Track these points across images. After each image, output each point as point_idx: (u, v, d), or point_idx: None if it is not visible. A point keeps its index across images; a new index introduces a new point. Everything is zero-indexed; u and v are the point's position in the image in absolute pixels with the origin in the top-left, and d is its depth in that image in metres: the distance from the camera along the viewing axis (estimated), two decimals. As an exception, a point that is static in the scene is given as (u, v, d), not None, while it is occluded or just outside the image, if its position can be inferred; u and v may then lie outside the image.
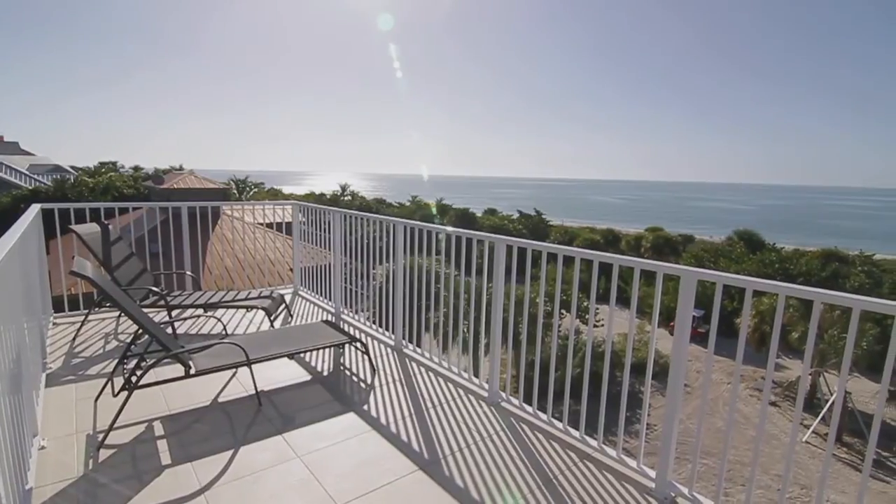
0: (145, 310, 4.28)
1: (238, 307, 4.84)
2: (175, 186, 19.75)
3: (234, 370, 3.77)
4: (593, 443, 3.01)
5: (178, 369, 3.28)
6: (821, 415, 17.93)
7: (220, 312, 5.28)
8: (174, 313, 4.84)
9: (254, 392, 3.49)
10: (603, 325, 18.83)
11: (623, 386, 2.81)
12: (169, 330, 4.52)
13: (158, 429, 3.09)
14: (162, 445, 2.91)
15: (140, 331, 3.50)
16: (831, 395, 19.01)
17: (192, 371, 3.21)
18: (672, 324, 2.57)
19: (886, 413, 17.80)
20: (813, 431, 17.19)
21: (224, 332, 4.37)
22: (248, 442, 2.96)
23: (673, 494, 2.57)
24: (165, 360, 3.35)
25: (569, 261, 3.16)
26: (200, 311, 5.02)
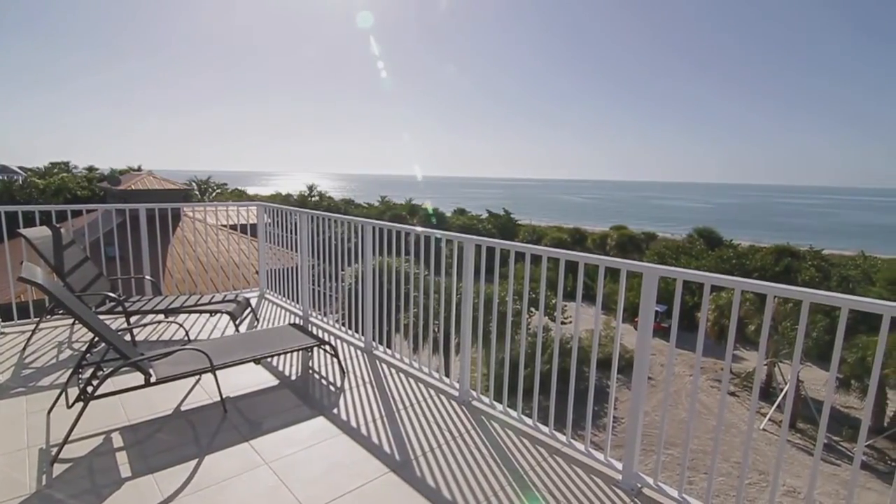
0: (102, 317, 4.10)
1: (201, 312, 4.70)
2: (132, 187, 19.00)
3: (197, 377, 3.66)
4: (562, 438, 3.06)
5: (137, 378, 3.15)
6: (776, 403, 18.79)
7: (181, 318, 5.11)
8: (133, 320, 4.66)
9: (219, 399, 3.39)
10: (571, 322, 19.19)
11: (590, 381, 2.87)
12: (127, 337, 4.36)
13: (117, 440, 2.97)
14: (121, 457, 2.80)
15: (96, 339, 3.35)
16: (785, 384, 19.95)
17: (153, 379, 3.10)
18: (637, 319, 2.64)
19: (836, 400, 18.81)
20: (769, 419, 18.00)
21: (186, 338, 4.23)
22: (213, 450, 2.88)
23: (639, 485, 2.65)
24: (124, 369, 3.23)
25: (536, 259, 3.21)
26: (161, 316, 4.84)
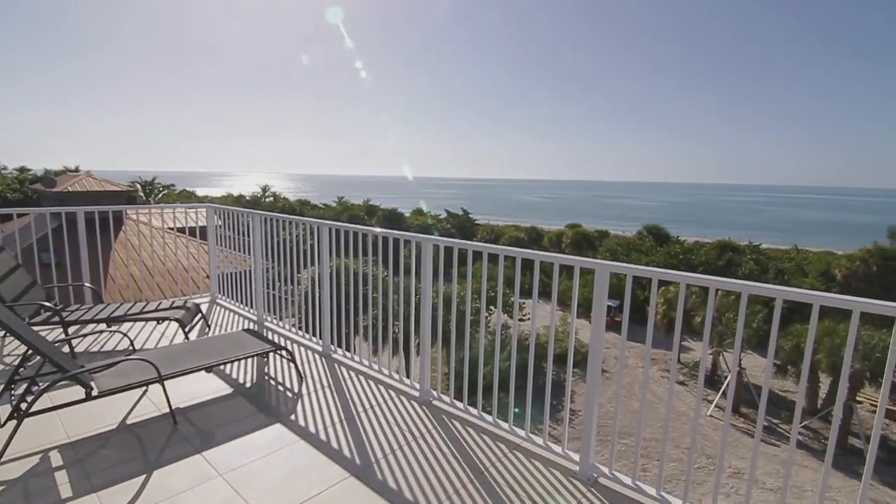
0: (36, 328, 3.84)
1: (147, 320, 4.48)
2: (69, 189, 17.87)
3: (143, 388, 3.48)
4: (521, 433, 3.12)
5: (77, 391, 2.97)
6: (721, 390, 19.83)
7: (126, 326, 4.85)
8: (71, 330, 4.39)
9: (167, 410, 3.24)
10: (529, 319, 19.51)
11: (547, 376, 2.94)
12: (66, 348, 4.11)
13: (56, 459, 2.78)
14: (61, 477, 2.63)
15: (29, 352, 3.14)
16: (730, 372, 21.09)
17: (94, 392, 2.93)
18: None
19: (774, 385, 20.06)
20: (716, 405, 18.97)
21: (131, 348, 4.02)
22: (162, 465, 2.75)
23: (595, 475, 2.73)
24: (62, 383, 3.03)
25: (494, 258, 3.25)
26: (103, 326, 4.58)
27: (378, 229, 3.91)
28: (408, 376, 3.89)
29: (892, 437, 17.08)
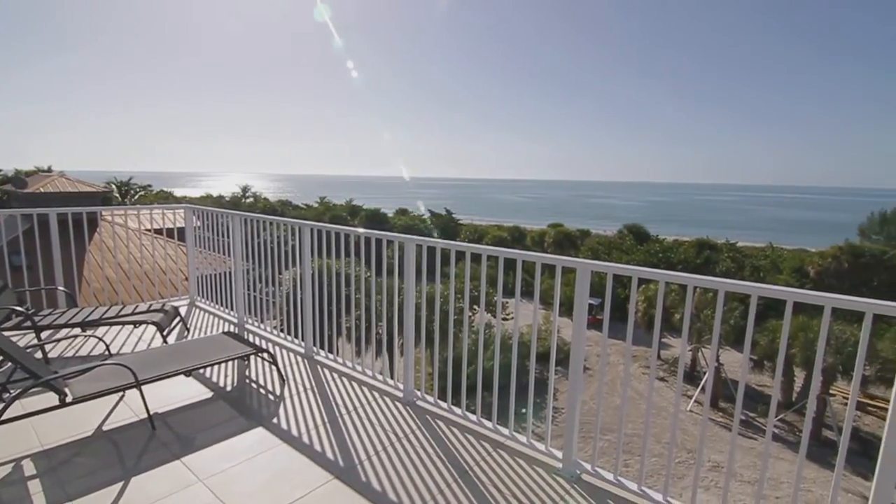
0: (7, 333, 3.72)
1: (123, 324, 4.38)
2: (41, 190, 17.35)
3: (120, 394, 3.40)
4: (505, 431, 3.13)
5: (51, 398, 2.90)
6: (700, 385, 20.21)
7: (101, 331, 4.74)
8: (44, 335, 4.27)
9: (145, 416, 3.17)
10: (512, 319, 19.58)
11: (530, 374, 2.96)
12: (38, 354, 3.99)
13: (29, 468, 2.70)
14: (34, 486, 2.55)
15: (0, 357, 3.04)
16: (708, 367, 21.50)
17: (69, 399, 2.86)
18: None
19: (751, 379, 20.51)
20: (695, 401, 19.33)
21: (107, 353, 3.93)
22: (140, 471, 2.69)
23: (578, 472, 2.76)
24: (35, 389, 2.95)
25: (477, 258, 3.26)
26: (77, 330, 4.46)
27: (360, 229, 3.89)
28: (391, 377, 3.88)
29: (863, 429, 17.62)
